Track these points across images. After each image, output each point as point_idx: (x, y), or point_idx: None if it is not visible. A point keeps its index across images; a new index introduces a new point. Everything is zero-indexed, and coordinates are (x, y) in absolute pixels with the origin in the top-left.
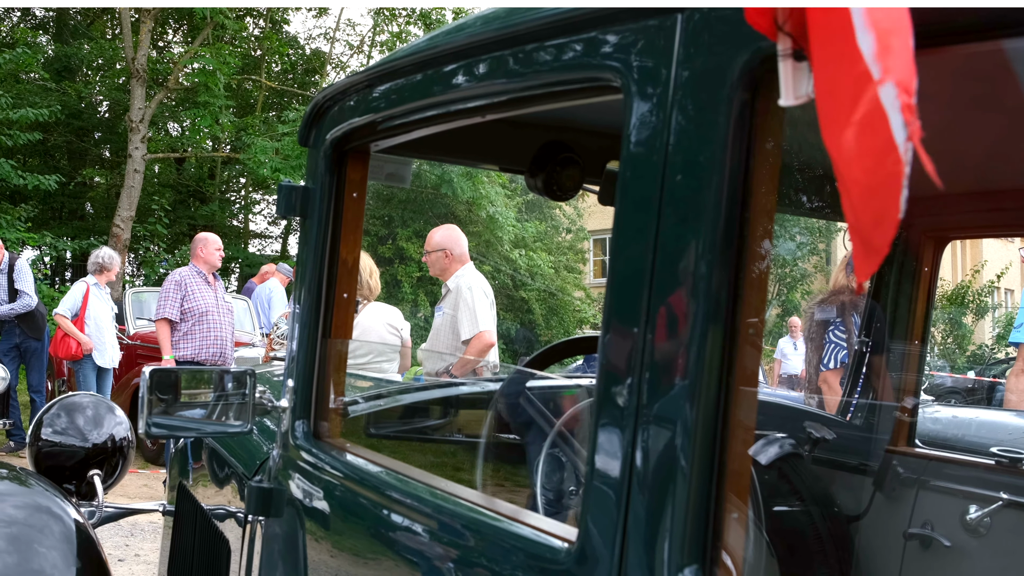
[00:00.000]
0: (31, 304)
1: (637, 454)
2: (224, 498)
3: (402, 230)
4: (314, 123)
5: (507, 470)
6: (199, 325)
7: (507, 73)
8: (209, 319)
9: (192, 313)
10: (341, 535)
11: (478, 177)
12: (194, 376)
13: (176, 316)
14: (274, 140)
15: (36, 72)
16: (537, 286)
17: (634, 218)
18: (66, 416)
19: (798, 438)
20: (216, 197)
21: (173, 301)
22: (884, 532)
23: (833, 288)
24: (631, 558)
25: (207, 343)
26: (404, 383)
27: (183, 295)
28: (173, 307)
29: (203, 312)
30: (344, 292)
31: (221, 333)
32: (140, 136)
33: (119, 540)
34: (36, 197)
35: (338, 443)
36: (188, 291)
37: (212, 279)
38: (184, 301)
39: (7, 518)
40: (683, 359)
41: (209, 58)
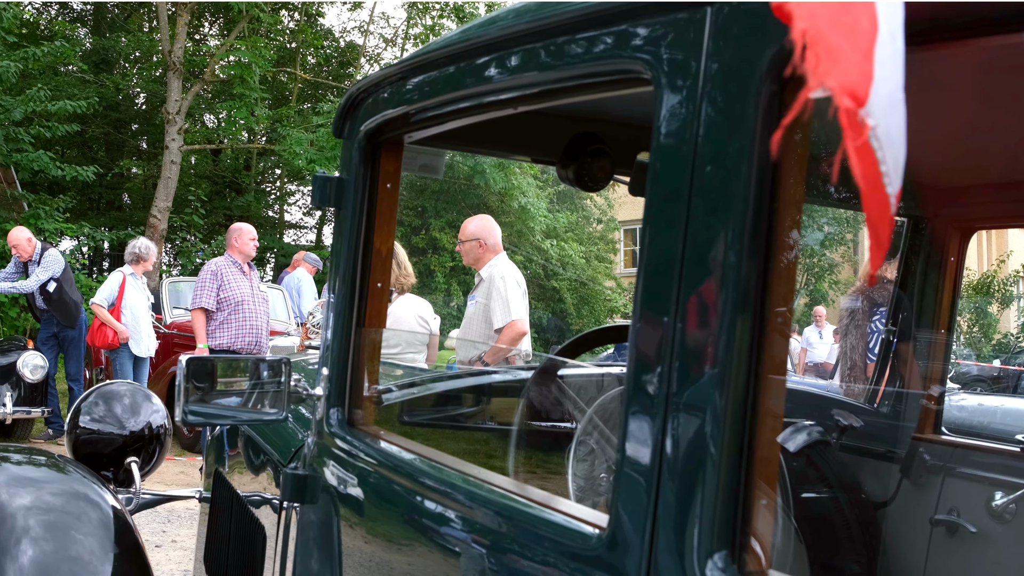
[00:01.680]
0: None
1: (667, 441)
2: (259, 485)
3: (435, 220)
4: (348, 115)
5: (539, 457)
6: (235, 314)
7: (539, 65)
8: (245, 308)
9: (228, 302)
10: (375, 521)
11: (510, 168)
12: (230, 364)
13: (212, 305)
14: (309, 132)
15: (74, 64)
16: (568, 276)
17: (664, 208)
18: (104, 404)
19: (826, 426)
20: (252, 188)
21: (209, 290)
22: (911, 518)
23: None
24: (661, 543)
25: (243, 332)
26: (437, 371)
27: (219, 284)
28: (210, 296)
29: (239, 301)
30: (378, 282)
31: (256, 322)
32: (177, 128)
33: (156, 526)
34: (74, 188)
35: (372, 431)
36: (224, 280)
37: (247, 269)
38: (220, 290)
39: (45, 505)
40: (712, 348)
41: (245, 51)
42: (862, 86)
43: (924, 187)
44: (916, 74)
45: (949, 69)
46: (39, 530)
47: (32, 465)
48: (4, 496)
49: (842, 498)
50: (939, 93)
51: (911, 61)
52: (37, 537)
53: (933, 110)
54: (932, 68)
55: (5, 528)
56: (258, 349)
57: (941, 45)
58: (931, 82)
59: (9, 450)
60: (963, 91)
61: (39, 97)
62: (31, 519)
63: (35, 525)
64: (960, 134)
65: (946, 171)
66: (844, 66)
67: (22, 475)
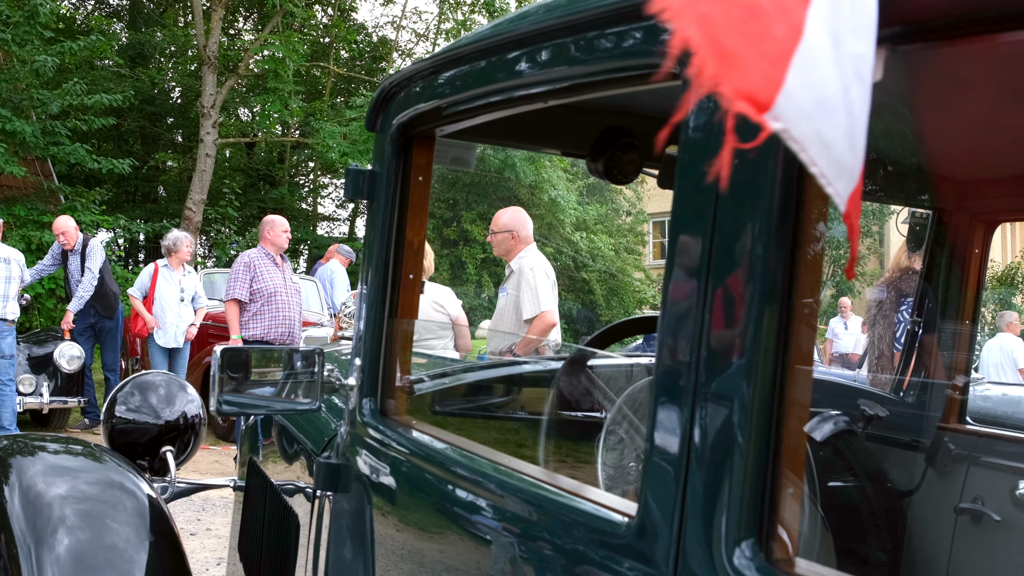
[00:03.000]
0: (93, 281)
1: (695, 431)
2: (293, 474)
3: (466, 213)
4: (381, 109)
5: (568, 446)
6: (268, 305)
7: (569, 60)
8: (277, 299)
9: (261, 294)
10: (407, 510)
11: (540, 161)
12: (264, 355)
13: (245, 296)
14: (342, 125)
15: (110, 59)
16: (598, 267)
17: (692, 201)
18: (139, 394)
19: (852, 415)
20: (285, 181)
21: (243, 282)
22: (935, 507)
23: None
24: (689, 532)
25: (275, 323)
26: (469, 362)
27: (252, 276)
28: (243, 288)
29: (271, 293)
30: (410, 273)
31: (289, 313)
32: (211, 121)
33: (191, 515)
34: (110, 181)
35: (404, 420)
36: (257, 272)
37: (280, 260)
38: (253, 282)
39: (81, 494)
40: (740, 338)
41: (279, 45)
42: (765, 91)
43: (948, 180)
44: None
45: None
46: (75, 519)
47: (68, 454)
48: (41, 485)
49: (868, 487)
50: (962, 87)
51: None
52: (73, 526)
53: (956, 104)
54: (955, 63)
55: (42, 517)
56: (291, 340)
57: (964, 40)
58: (954, 76)
59: (46, 439)
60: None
61: (76, 91)
62: (67, 508)
63: (71, 514)
64: (984, 127)
65: (970, 164)
66: (744, 72)
67: (58, 464)
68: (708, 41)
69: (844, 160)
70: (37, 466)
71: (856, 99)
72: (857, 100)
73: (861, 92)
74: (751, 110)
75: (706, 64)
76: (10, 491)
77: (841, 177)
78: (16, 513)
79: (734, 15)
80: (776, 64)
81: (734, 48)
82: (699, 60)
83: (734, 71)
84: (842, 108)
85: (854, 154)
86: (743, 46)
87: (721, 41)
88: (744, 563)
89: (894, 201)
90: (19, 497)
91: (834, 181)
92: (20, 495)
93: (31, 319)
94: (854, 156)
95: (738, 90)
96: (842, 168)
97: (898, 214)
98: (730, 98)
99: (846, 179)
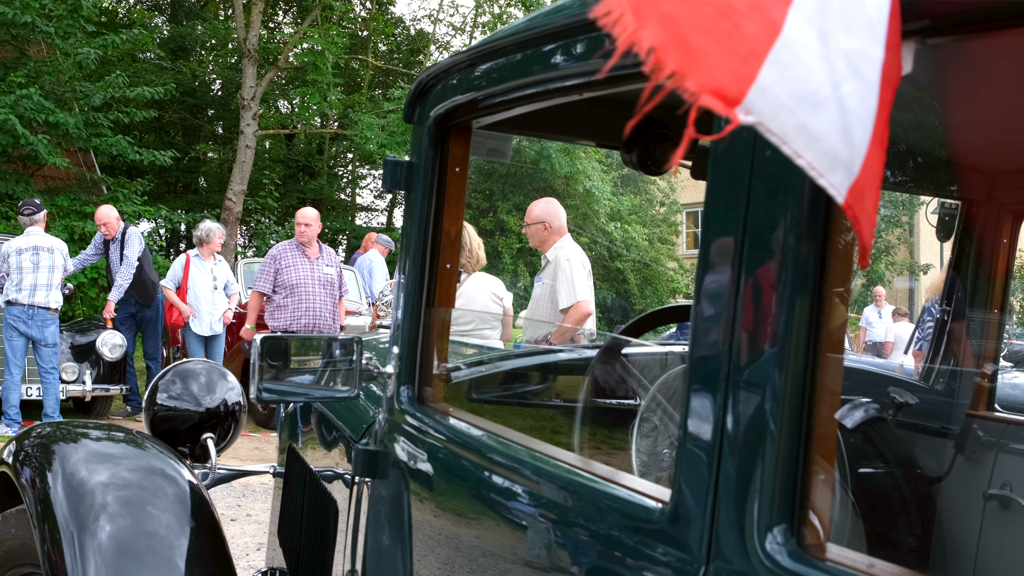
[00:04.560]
0: (130, 270)
1: (728, 418)
2: (332, 460)
3: (503, 203)
4: (418, 101)
5: (603, 433)
6: (291, 297)
7: (603, 53)
8: (300, 291)
9: (284, 286)
10: (444, 496)
11: (575, 152)
12: (303, 343)
13: (267, 289)
14: (380, 117)
15: (152, 52)
16: (632, 257)
17: (725, 192)
18: (180, 382)
19: (882, 403)
20: (324, 171)
21: (267, 275)
22: (964, 493)
23: None
24: (722, 517)
25: (298, 314)
26: (504, 350)
27: (276, 269)
28: (266, 281)
29: (294, 284)
30: (447, 263)
31: (313, 304)
32: (251, 113)
33: (231, 500)
34: (152, 172)
35: (441, 407)
36: (281, 265)
37: (314, 251)
38: (277, 275)
39: (123, 481)
40: (772, 327)
41: (318, 38)
42: (734, 86)
43: (977, 171)
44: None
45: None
46: (117, 506)
47: (111, 441)
48: (84, 472)
49: (898, 473)
50: (991, 80)
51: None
52: (115, 513)
53: (985, 96)
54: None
55: (85, 504)
56: (317, 331)
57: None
58: (983, 69)
59: (89, 426)
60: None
61: (118, 83)
62: (109, 495)
63: (113, 501)
64: (1012, 119)
65: (998, 155)
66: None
67: (101, 451)
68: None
69: (838, 153)
70: (80, 453)
71: (851, 93)
72: (852, 94)
73: (859, 87)
74: (718, 104)
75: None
76: (53, 478)
77: (835, 170)
78: (59, 500)
79: (701, 14)
80: (747, 60)
81: (700, 45)
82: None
83: (700, 67)
84: (832, 102)
85: (851, 147)
86: (710, 43)
87: (686, 38)
88: (776, 548)
89: (924, 192)
90: (62, 484)
91: (826, 173)
92: (63, 482)
93: (74, 308)
94: (851, 149)
95: (704, 85)
96: (836, 161)
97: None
98: (695, 92)
99: (842, 171)
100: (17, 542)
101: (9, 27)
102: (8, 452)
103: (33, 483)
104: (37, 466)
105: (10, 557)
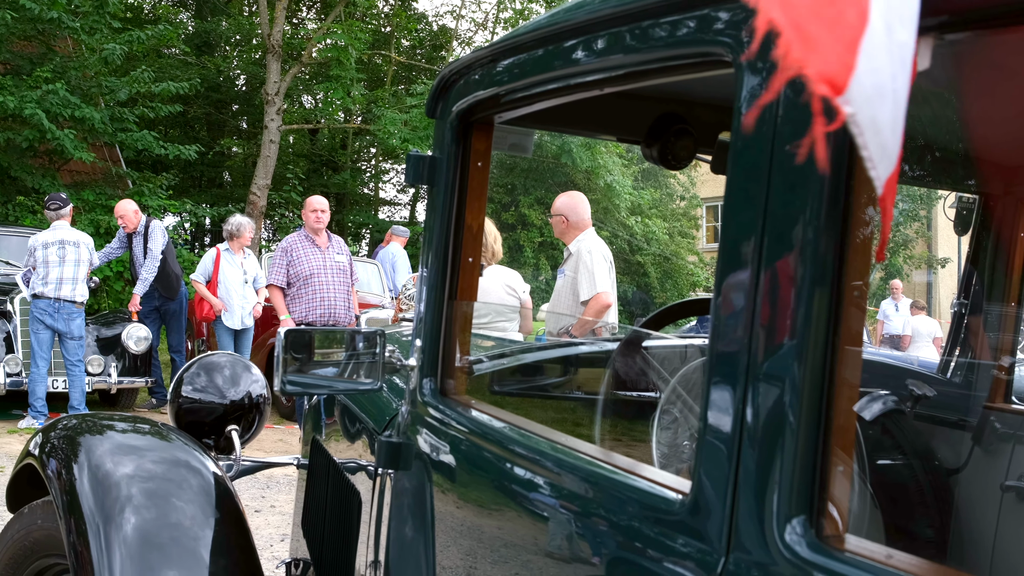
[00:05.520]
0: (155, 263)
1: (748, 410)
2: (355, 452)
3: (524, 197)
4: (441, 96)
5: (624, 425)
6: (305, 288)
7: (624, 48)
8: (314, 281)
9: (297, 277)
10: (466, 487)
11: (596, 147)
12: (327, 336)
13: (281, 282)
14: (403, 112)
15: (177, 47)
16: (652, 251)
17: (745, 186)
18: (205, 374)
19: (900, 395)
20: (348, 166)
21: (279, 268)
22: (982, 484)
23: None
24: (742, 508)
25: (314, 305)
26: (526, 343)
27: (288, 261)
28: (279, 274)
29: (308, 275)
30: (469, 256)
31: (328, 294)
32: (275, 108)
33: (256, 492)
34: (177, 166)
35: (463, 400)
36: (293, 256)
37: (324, 240)
38: (290, 267)
39: (148, 473)
40: (791, 320)
41: (341, 34)
42: (841, 75)
43: (995, 166)
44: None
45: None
46: (142, 498)
47: (136, 433)
48: (109, 464)
49: (916, 465)
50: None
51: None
52: (140, 505)
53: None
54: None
55: (110, 496)
56: (334, 321)
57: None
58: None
59: (114, 418)
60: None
61: (143, 78)
62: (134, 487)
63: (138, 493)
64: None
65: (1016, 150)
66: (823, 55)
67: (126, 443)
68: (790, 23)
69: (887, 145)
70: (105, 445)
71: (900, 87)
72: (901, 88)
73: (904, 80)
74: (830, 93)
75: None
76: (79, 470)
77: (883, 162)
78: (85, 491)
79: None
80: (849, 48)
81: (813, 31)
82: (784, 42)
83: (814, 54)
84: (890, 94)
85: (895, 140)
86: (821, 29)
87: (802, 24)
88: (795, 539)
89: (942, 186)
90: (88, 476)
91: (877, 165)
92: (89, 473)
93: (99, 301)
94: (895, 142)
95: (819, 73)
96: (884, 153)
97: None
98: (812, 81)
99: (886, 164)
100: (43, 533)
101: (36, 23)
102: (35, 444)
103: (59, 475)
104: (63, 458)
105: (36, 548)
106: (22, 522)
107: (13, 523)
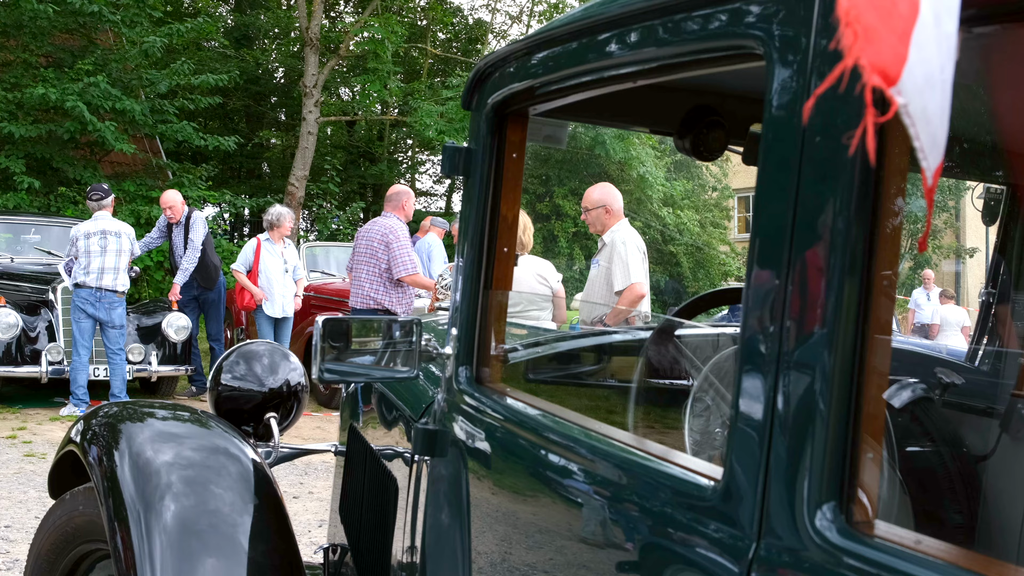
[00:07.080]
0: (195, 253)
1: (779, 398)
2: (392, 439)
3: (559, 188)
4: (476, 88)
5: (657, 413)
6: None
7: (657, 41)
8: None
9: None
10: (501, 474)
11: (630, 139)
12: (364, 325)
13: None
14: (439, 104)
15: (216, 40)
16: (685, 241)
17: (776, 177)
18: (244, 363)
19: (929, 383)
20: (384, 157)
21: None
22: (1010, 472)
23: None
24: (773, 495)
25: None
26: (560, 331)
27: None
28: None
29: None
30: (504, 246)
31: None
32: (313, 100)
33: (294, 478)
34: (216, 157)
35: (499, 387)
36: None
37: None
38: None
39: (188, 460)
40: (822, 309)
41: (378, 27)
42: (894, 66)
43: (1021, 156)
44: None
45: None
46: (181, 485)
47: (176, 420)
48: (150, 452)
49: (944, 452)
50: None
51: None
52: (179, 492)
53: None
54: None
55: (151, 484)
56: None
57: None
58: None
59: (155, 406)
60: None
61: (183, 71)
62: (174, 474)
63: (178, 480)
64: None
65: None
66: (878, 45)
67: (167, 430)
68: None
69: (937, 136)
70: (146, 432)
71: (948, 78)
72: (947, 79)
73: (950, 71)
74: (883, 84)
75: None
76: (120, 457)
77: (933, 152)
78: (126, 478)
79: None
80: (902, 39)
81: (870, 21)
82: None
83: (870, 44)
84: (939, 85)
85: (943, 131)
86: (877, 20)
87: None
88: (826, 525)
89: (970, 177)
90: (129, 463)
91: (928, 156)
92: (130, 461)
93: (140, 291)
94: (943, 132)
95: (873, 63)
96: (934, 143)
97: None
98: (866, 71)
99: (936, 154)
100: (85, 519)
101: (77, 16)
102: (76, 431)
103: (100, 461)
104: (104, 445)
105: (78, 533)
106: (64, 508)
107: (55, 509)
